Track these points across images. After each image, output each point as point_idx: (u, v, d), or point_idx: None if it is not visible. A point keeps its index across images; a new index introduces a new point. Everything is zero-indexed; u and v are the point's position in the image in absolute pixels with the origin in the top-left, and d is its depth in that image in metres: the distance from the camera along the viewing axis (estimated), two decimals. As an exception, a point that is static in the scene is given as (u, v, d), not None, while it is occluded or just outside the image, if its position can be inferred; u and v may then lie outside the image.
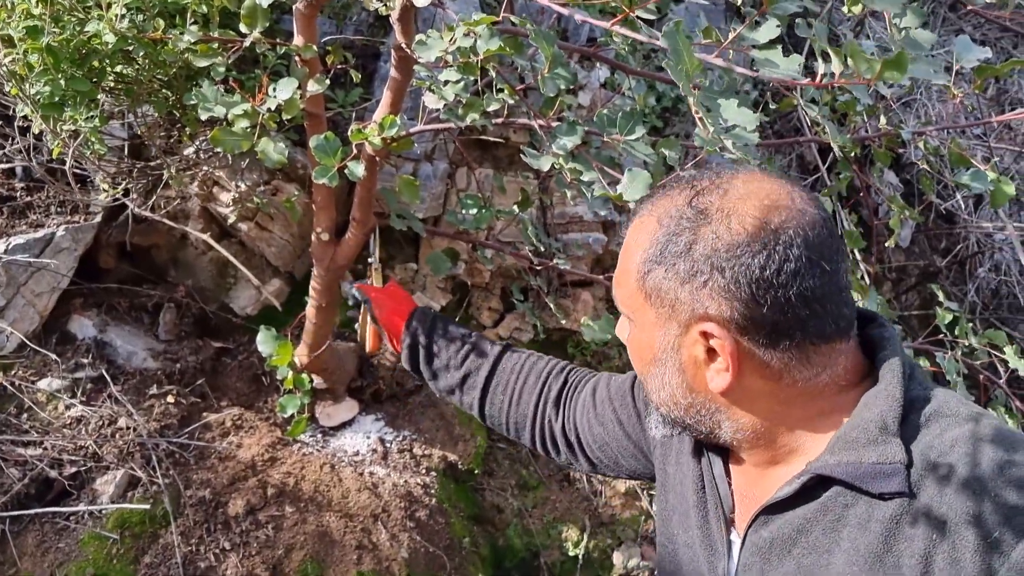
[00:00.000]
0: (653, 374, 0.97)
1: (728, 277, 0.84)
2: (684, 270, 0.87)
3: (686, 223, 0.88)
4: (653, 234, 0.91)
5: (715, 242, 0.85)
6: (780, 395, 0.90)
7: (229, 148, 1.54)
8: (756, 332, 0.86)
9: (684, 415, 0.97)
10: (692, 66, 0.96)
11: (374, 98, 2.71)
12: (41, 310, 2.22)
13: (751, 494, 1.00)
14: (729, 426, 0.95)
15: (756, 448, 0.96)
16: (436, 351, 1.62)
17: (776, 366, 0.87)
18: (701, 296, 0.86)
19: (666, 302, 0.90)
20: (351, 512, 2.17)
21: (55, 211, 2.31)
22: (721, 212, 0.86)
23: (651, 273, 0.91)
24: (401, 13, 1.51)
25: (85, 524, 1.90)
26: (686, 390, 0.94)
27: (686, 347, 0.91)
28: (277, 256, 2.58)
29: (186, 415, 2.25)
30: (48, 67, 1.50)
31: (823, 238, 0.85)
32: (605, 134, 1.49)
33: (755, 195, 0.87)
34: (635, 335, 0.99)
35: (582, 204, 2.89)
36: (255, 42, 1.61)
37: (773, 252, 0.83)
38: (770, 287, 0.83)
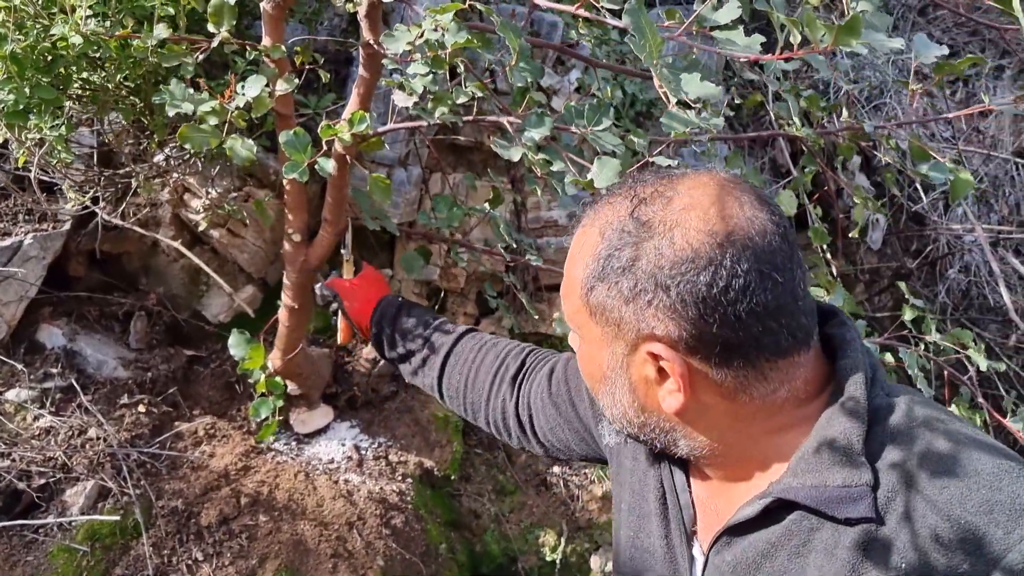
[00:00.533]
0: (604, 391, 0.93)
1: (673, 296, 0.80)
2: (627, 288, 0.83)
3: (628, 237, 0.83)
4: (595, 248, 0.87)
5: (658, 259, 0.80)
6: (737, 412, 0.86)
7: (197, 145, 1.53)
8: (706, 351, 0.81)
9: (638, 432, 0.94)
10: (655, 43, 0.96)
11: (346, 102, 2.71)
12: (9, 319, 2.18)
13: (713, 506, 0.96)
14: (686, 444, 0.91)
15: (715, 464, 0.93)
16: (400, 337, 1.63)
17: (730, 385, 0.83)
18: (646, 316, 0.82)
19: (611, 320, 0.86)
20: (326, 520, 2.14)
21: (23, 219, 2.27)
22: (664, 225, 0.82)
23: (594, 290, 0.86)
24: (368, 10, 1.51)
25: (55, 537, 1.86)
26: (638, 409, 0.90)
27: (635, 367, 0.87)
28: (250, 262, 2.56)
29: (158, 424, 2.21)
30: (12, 75, 1.48)
31: (775, 246, 0.80)
32: (573, 125, 1.50)
33: (700, 205, 0.81)
34: (584, 350, 0.95)
35: (556, 208, 2.89)
36: (223, 42, 1.60)
37: (720, 268, 0.78)
38: (718, 305, 0.79)
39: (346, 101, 2.69)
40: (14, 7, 1.51)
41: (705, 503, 0.98)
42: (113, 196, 2.16)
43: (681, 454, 0.93)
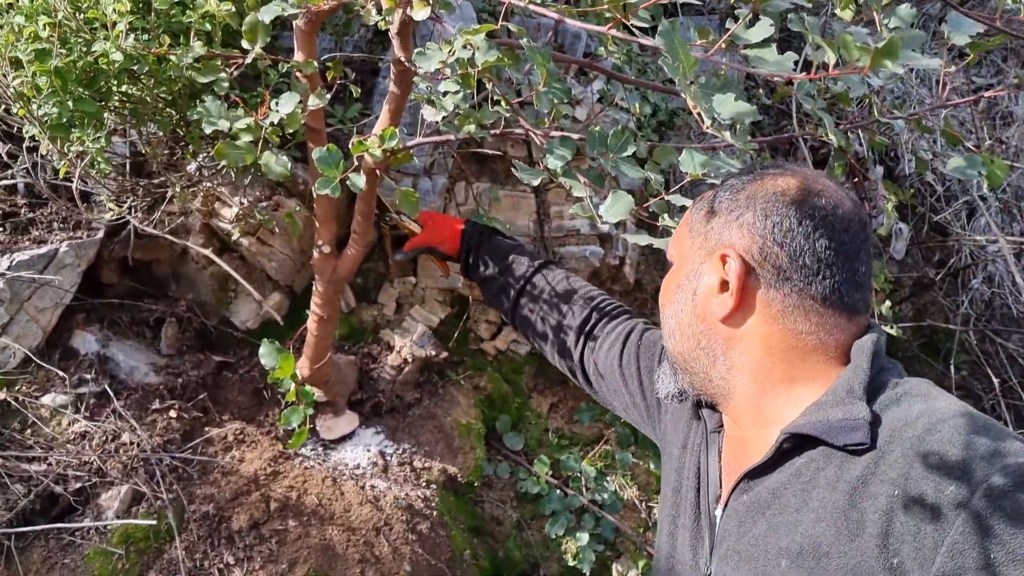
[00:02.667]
0: (672, 301, 1.11)
1: (758, 213, 0.99)
2: (725, 206, 1.03)
3: (744, 182, 1.05)
4: (713, 192, 1.08)
5: (759, 190, 1.01)
6: (771, 342, 1.00)
7: (233, 162, 1.57)
8: (766, 268, 0.99)
9: (686, 352, 1.08)
10: (688, 64, 0.99)
11: (373, 113, 2.74)
12: (44, 326, 2.23)
13: (735, 465, 1.07)
14: (723, 365, 1.04)
15: (738, 411, 1.05)
16: (483, 262, 1.83)
17: (775, 307, 0.99)
18: (731, 227, 1.02)
19: (702, 231, 1.06)
20: (353, 526, 2.17)
21: (58, 227, 2.33)
22: (773, 178, 1.03)
23: (699, 211, 1.09)
24: (400, 27, 1.55)
25: (91, 540, 1.90)
26: (694, 316, 1.06)
27: (705, 274, 1.05)
28: (277, 270, 2.60)
29: (188, 430, 2.26)
30: (56, 89, 1.53)
31: (850, 219, 0.99)
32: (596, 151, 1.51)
33: (807, 174, 1.02)
34: (671, 271, 1.13)
35: (579, 218, 2.91)
36: (257, 58, 1.64)
37: (802, 207, 0.97)
38: (790, 231, 0.97)
39: (373, 112, 2.74)
40: (58, 23, 1.56)
41: (729, 464, 1.10)
42: (146, 205, 2.21)
43: (716, 383, 1.06)
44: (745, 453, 1.05)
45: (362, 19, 1.53)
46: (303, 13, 1.55)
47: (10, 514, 1.89)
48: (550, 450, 2.84)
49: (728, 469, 1.10)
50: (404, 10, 1.46)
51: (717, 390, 1.07)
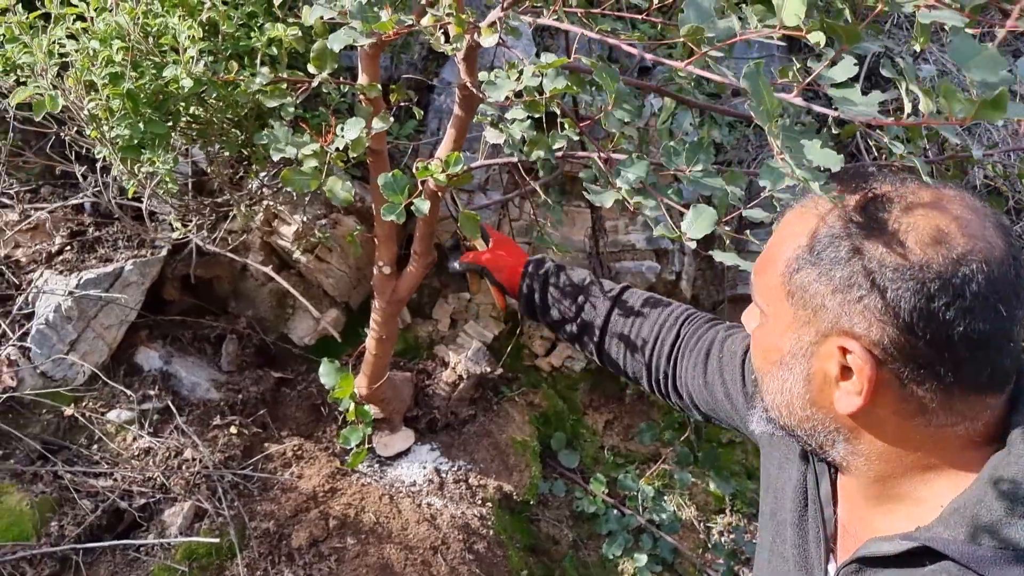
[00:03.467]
0: (774, 376, 0.91)
1: (889, 299, 0.76)
2: (840, 278, 0.80)
3: (854, 228, 0.80)
4: (813, 230, 0.84)
5: (883, 256, 0.77)
6: (906, 435, 0.83)
7: (299, 188, 1.58)
8: (903, 363, 0.78)
9: (797, 426, 0.91)
10: (773, 106, 0.96)
11: (428, 129, 2.75)
12: (110, 342, 2.27)
13: (853, 529, 0.94)
14: (843, 448, 0.89)
15: (865, 482, 0.90)
16: (551, 302, 1.66)
17: (914, 404, 0.80)
18: (852, 311, 0.79)
19: (809, 305, 0.83)
20: (411, 544, 2.17)
21: (123, 245, 2.37)
22: (898, 225, 0.78)
23: (801, 271, 0.84)
24: (467, 53, 1.54)
25: (155, 556, 1.93)
26: (807, 403, 0.88)
27: (818, 358, 0.84)
28: (334, 287, 2.62)
29: (248, 446, 2.28)
30: (128, 111, 1.55)
31: (1008, 278, 0.77)
32: (671, 166, 1.49)
33: (942, 215, 0.78)
34: (765, 331, 0.92)
35: (635, 232, 2.88)
36: (321, 82, 1.65)
37: (948, 284, 0.75)
38: (933, 320, 0.75)
39: (428, 128, 2.74)
40: (131, 47, 1.58)
41: (846, 524, 0.96)
42: (209, 223, 2.24)
43: (834, 457, 0.91)
44: (865, 517, 0.91)
45: (422, 39, 1.53)
46: (370, 41, 1.55)
47: (79, 529, 1.93)
48: (606, 468, 2.81)
49: (843, 525, 0.96)
50: (472, 36, 1.45)
51: (835, 460, 0.92)
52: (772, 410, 0.93)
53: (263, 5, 1.85)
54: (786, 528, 1.03)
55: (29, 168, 2.41)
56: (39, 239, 2.31)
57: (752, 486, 2.89)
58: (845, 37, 0.88)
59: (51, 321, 2.15)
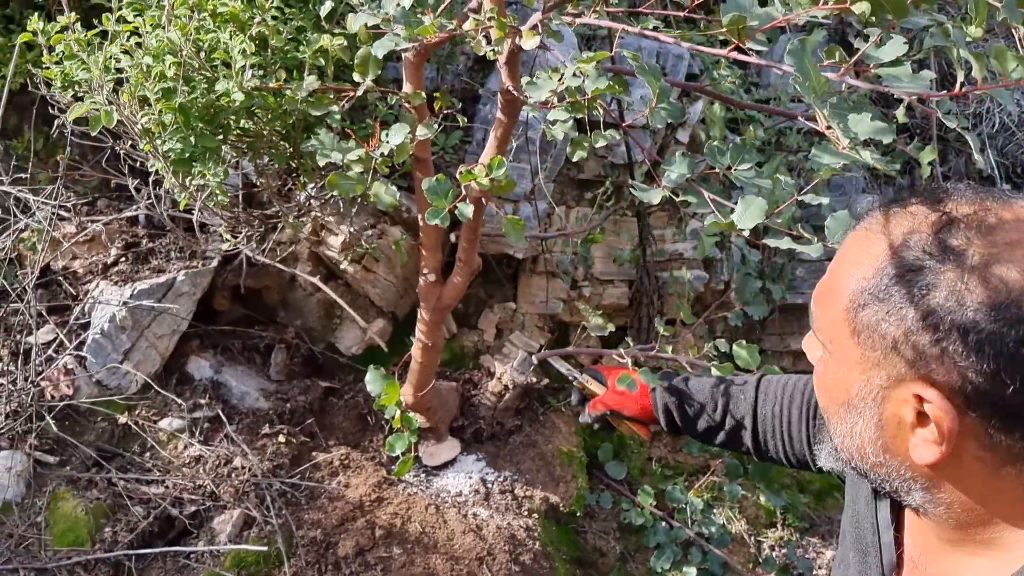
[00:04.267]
0: (842, 418, 0.82)
1: (971, 343, 0.67)
2: (913, 319, 0.70)
3: (928, 260, 0.71)
4: (879, 260, 0.75)
5: (963, 295, 0.68)
6: (994, 484, 0.75)
7: (344, 192, 1.59)
8: (988, 412, 0.70)
9: (869, 470, 0.83)
10: (819, 83, 0.94)
11: (474, 140, 2.76)
12: (162, 352, 2.32)
13: (923, 566, 0.87)
14: (920, 496, 0.80)
15: (946, 525, 0.82)
16: (693, 415, 1.56)
17: (1001, 453, 0.72)
18: (927, 355, 0.70)
19: (879, 347, 0.74)
20: (457, 555, 2.16)
21: (175, 256, 2.42)
22: (979, 257, 0.68)
23: (866, 308, 0.75)
24: (508, 57, 1.54)
25: (204, 563, 1.95)
26: (879, 449, 0.79)
27: (891, 403, 0.76)
28: (381, 297, 2.64)
29: (296, 455, 2.30)
30: (180, 125, 1.59)
31: None
32: (716, 165, 1.47)
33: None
34: (829, 368, 0.83)
35: (681, 241, 2.85)
36: (367, 91, 1.67)
37: None
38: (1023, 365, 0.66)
39: (473, 138, 2.75)
40: (183, 62, 1.62)
41: (916, 559, 0.88)
42: (258, 235, 2.28)
43: (910, 504, 0.84)
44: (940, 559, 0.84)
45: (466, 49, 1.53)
46: (413, 46, 1.57)
47: (131, 535, 1.96)
48: (654, 480, 2.77)
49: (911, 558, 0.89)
50: (513, 40, 1.45)
51: (916, 505, 0.84)
52: (843, 451, 0.85)
53: (312, 19, 1.89)
54: (848, 552, 0.96)
55: (86, 181, 2.48)
56: (95, 251, 2.38)
57: (804, 499, 2.82)
58: (891, 9, 0.85)
59: (106, 331, 2.20)
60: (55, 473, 2.05)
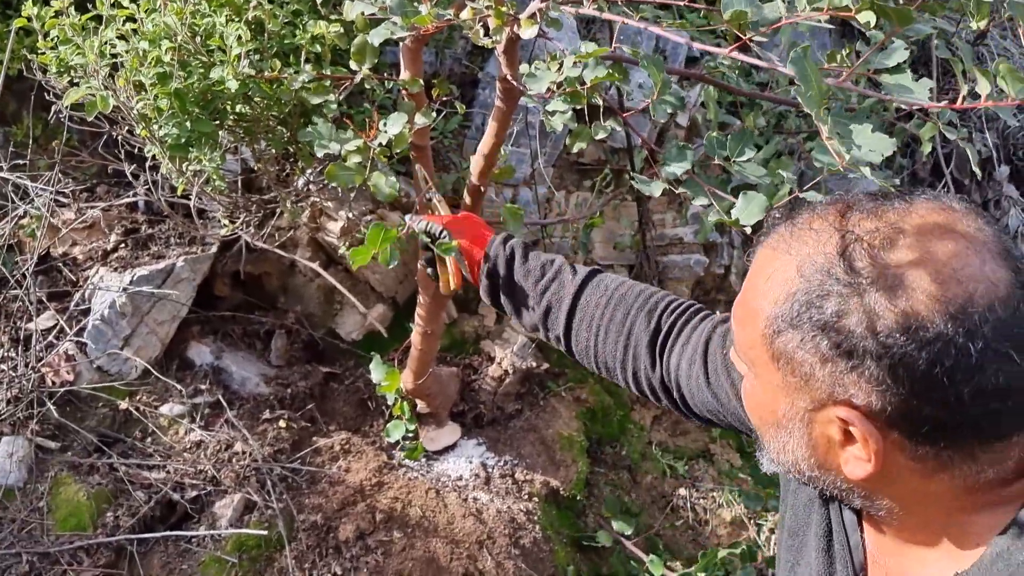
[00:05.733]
0: (774, 436, 0.82)
1: (884, 367, 0.67)
2: (826, 347, 0.70)
3: (835, 285, 0.70)
4: (790, 286, 0.74)
5: (872, 321, 0.68)
6: (929, 489, 0.75)
7: (343, 183, 1.59)
8: (910, 428, 0.70)
9: (808, 481, 0.84)
10: (821, 91, 0.93)
11: (472, 125, 2.75)
12: (163, 338, 2.32)
13: (883, 561, 0.87)
14: (861, 502, 0.82)
15: (893, 525, 0.83)
16: (516, 281, 1.43)
17: (930, 464, 0.73)
18: (845, 380, 0.70)
19: (798, 373, 0.74)
20: (457, 538, 2.18)
21: (174, 242, 2.42)
22: (884, 279, 0.68)
23: (782, 335, 0.74)
24: (507, 45, 1.52)
25: (206, 547, 1.97)
26: (814, 465, 0.80)
27: (818, 424, 0.76)
28: (380, 282, 2.64)
29: (297, 439, 2.31)
30: (176, 110, 1.58)
31: (1019, 317, 0.67)
32: (716, 156, 1.47)
33: (933, 258, 0.68)
34: (754, 389, 0.83)
35: (682, 226, 2.85)
36: (364, 78, 1.66)
37: (949, 345, 0.66)
38: (937, 385, 0.67)
39: (472, 124, 2.74)
40: (178, 47, 1.61)
41: (876, 557, 0.88)
42: (257, 220, 2.27)
43: (855, 507, 0.85)
44: (896, 554, 0.85)
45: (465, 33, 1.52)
46: (411, 34, 1.55)
47: (133, 520, 1.97)
48: (654, 464, 2.78)
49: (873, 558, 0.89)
50: (511, 28, 1.44)
51: (860, 508, 0.85)
52: (780, 465, 0.85)
53: (308, 3, 1.87)
54: (809, 552, 0.95)
55: (85, 168, 2.47)
56: (95, 237, 2.38)
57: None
58: (896, 18, 0.84)
59: (106, 317, 2.20)
60: (57, 458, 2.07)
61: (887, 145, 0.85)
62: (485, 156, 1.76)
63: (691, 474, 2.82)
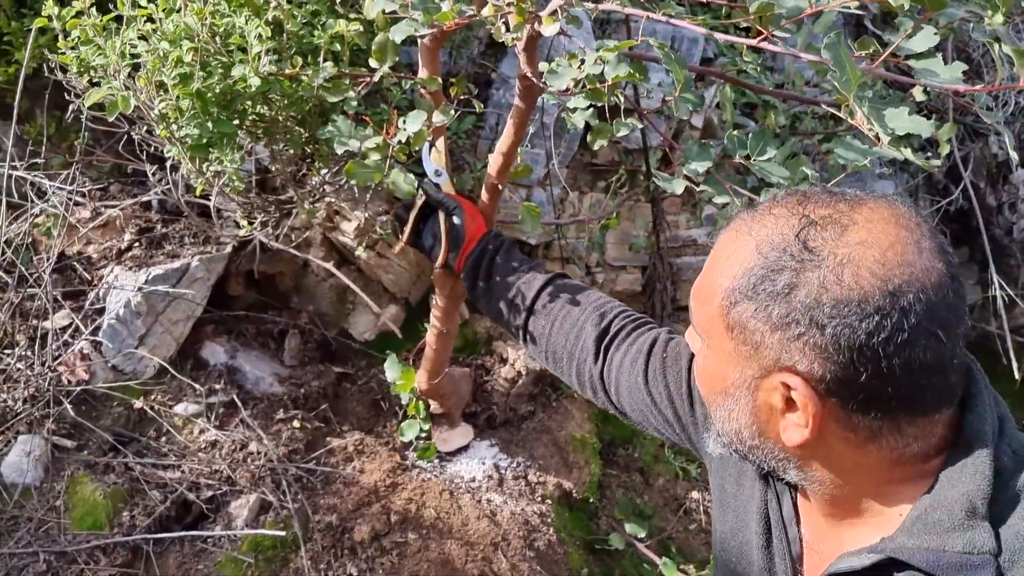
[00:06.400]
0: (720, 405, 0.90)
1: (828, 336, 0.76)
2: (778, 315, 0.79)
3: (789, 260, 0.78)
4: (748, 262, 0.82)
5: (820, 293, 0.76)
6: (859, 460, 0.83)
7: (362, 180, 1.58)
8: (846, 396, 0.78)
9: (748, 453, 0.91)
10: (855, 77, 0.92)
11: (486, 124, 2.75)
12: (177, 337, 2.32)
13: (819, 547, 0.94)
14: (796, 474, 0.89)
15: (824, 501, 0.90)
16: (495, 272, 1.60)
17: (862, 433, 0.81)
18: (791, 348, 0.79)
19: (749, 341, 0.82)
20: (471, 540, 2.17)
21: (189, 242, 2.42)
22: (834, 258, 0.77)
23: (737, 306, 0.82)
24: (527, 42, 1.52)
25: (222, 547, 1.97)
26: (755, 433, 0.87)
27: (763, 391, 0.84)
28: (394, 283, 2.64)
29: (311, 440, 2.31)
30: (196, 111, 1.58)
31: (947, 303, 0.77)
32: (735, 155, 1.46)
33: (877, 243, 0.77)
34: (707, 360, 0.91)
35: (696, 227, 2.84)
36: (383, 76, 1.66)
37: (886, 319, 0.74)
38: (874, 355, 0.75)
39: (486, 123, 2.74)
40: (199, 47, 1.61)
41: (812, 544, 0.96)
42: (273, 220, 2.27)
43: (790, 480, 0.92)
44: (829, 534, 0.92)
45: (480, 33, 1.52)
46: (431, 31, 1.55)
47: (149, 519, 1.97)
48: (667, 466, 2.77)
49: (808, 544, 0.96)
50: (532, 26, 1.44)
51: (791, 482, 0.93)
52: (723, 436, 0.93)
53: (326, 3, 1.87)
54: (752, 551, 1.01)
55: (99, 166, 2.47)
56: (110, 236, 2.38)
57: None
58: (929, 3, 0.84)
59: (121, 316, 2.20)
60: (73, 457, 2.07)
61: (925, 127, 0.85)
62: (504, 154, 1.76)
63: (703, 477, 2.81)
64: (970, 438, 0.81)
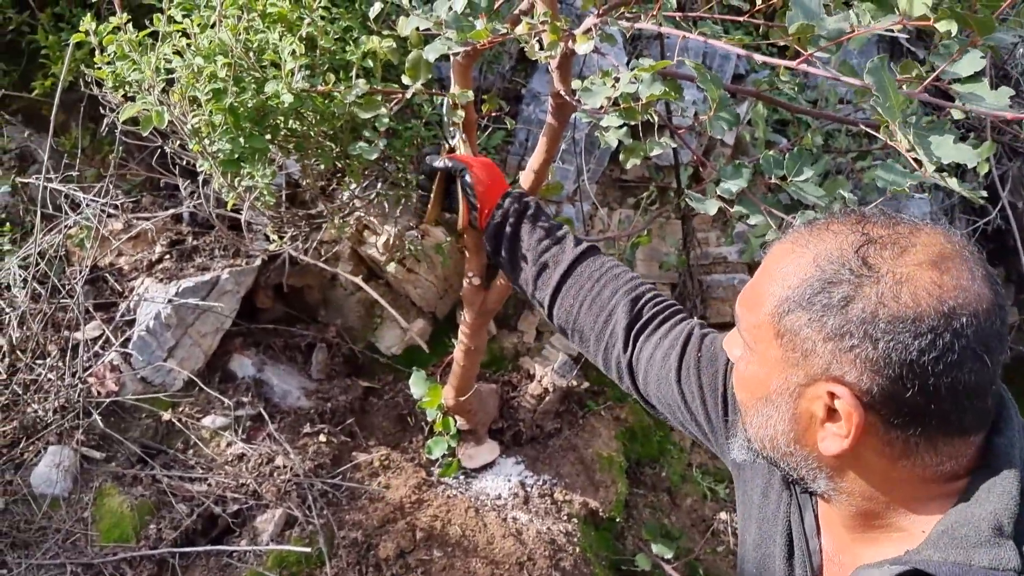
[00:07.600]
0: (758, 410, 0.91)
1: (880, 350, 0.78)
2: (832, 326, 0.80)
3: (848, 274, 0.80)
4: (805, 273, 0.83)
5: (877, 308, 0.78)
6: (891, 475, 0.84)
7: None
8: (889, 411, 0.80)
9: (780, 460, 0.91)
10: (898, 102, 0.90)
11: (516, 140, 2.74)
12: (206, 350, 2.33)
13: (838, 559, 0.95)
14: (826, 484, 0.89)
15: (850, 513, 0.90)
16: (521, 236, 1.53)
17: (898, 449, 0.82)
18: (842, 359, 0.80)
19: (799, 349, 0.83)
20: (496, 559, 2.15)
21: (219, 255, 2.43)
22: (892, 275, 0.79)
23: (791, 314, 0.84)
24: (561, 60, 1.52)
25: (248, 562, 1.96)
26: (791, 440, 0.88)
27: (806, 399, 0.85)
28: (421, 297, 2.63)
29: (337, 454, 2.30)
30: (230, 126, 1.59)
31: (994, 329, 0.79)
32: (771, 175, 1.44)
33: (936, 266, 0.79)
34: (749, 366, 0.91)
35: (727, 245, 2.81)
36: (415, 93, 1.66)
37: (939, 338, 0.76)
38: (923, 373, 0.77)
39: (516, 139, 2.73)
40: (233, 63, 1.62)
41: (831, 556, 0.97)
42: (303, 235, 2.28)
43: (817, 490, 0.92)
44: (851, 548, 0.92)
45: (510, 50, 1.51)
46: (465, 49, 1.55)
47: (175, 533, 1.97)
48: (694, 486, 2.73)
49: (829, 557, 0.97)
50: (566, 44, 1.43)
51: (818, 493, 0.93)
52: (755, 442, 0.93)
53: (359, 19, 1.88)
54: (774, 561, 1.03)
55: (131, 179, 2.50)
56: (141, 248, 2.40)
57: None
58: (978, 28, 0.82)
59: (151, 328, 2.22)
60: (101, 469, 2.07)
61: (971, 156, 0.83)
62: (535, 171, 1.75)
63: (731, 498, 2.76)
64: (999, 460, 0.82)
